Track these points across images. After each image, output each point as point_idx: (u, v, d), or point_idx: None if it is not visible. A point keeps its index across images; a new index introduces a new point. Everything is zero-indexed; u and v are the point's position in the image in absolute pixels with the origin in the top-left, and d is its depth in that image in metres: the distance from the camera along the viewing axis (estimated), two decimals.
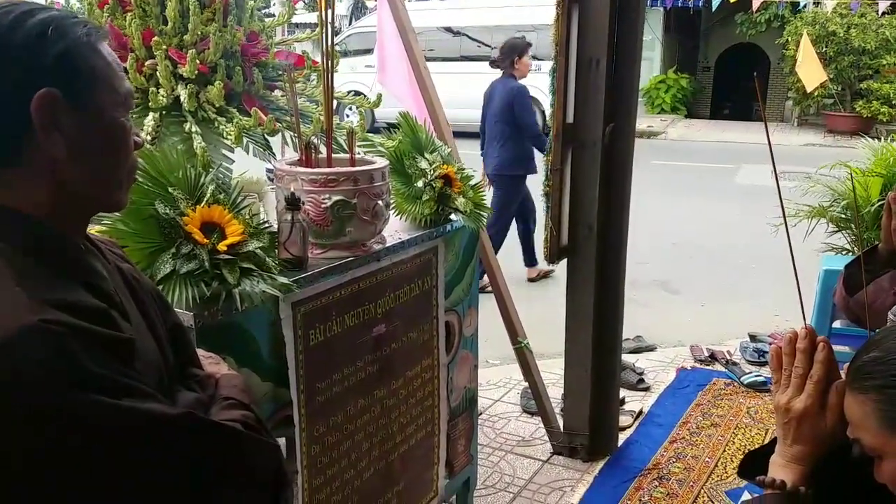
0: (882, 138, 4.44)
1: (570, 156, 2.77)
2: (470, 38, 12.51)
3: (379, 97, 2.24)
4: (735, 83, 15.01)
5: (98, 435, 0.75)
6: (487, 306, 2.81)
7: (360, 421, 1.82)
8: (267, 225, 1.62)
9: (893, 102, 12.08)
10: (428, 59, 2.91)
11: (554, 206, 2.80)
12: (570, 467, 2.82)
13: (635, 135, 2.85)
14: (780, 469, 1.10)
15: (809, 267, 3.47)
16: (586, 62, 2.66)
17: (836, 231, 3.94)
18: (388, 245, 1.86)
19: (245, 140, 1.87)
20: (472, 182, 2.29)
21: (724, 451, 2.92)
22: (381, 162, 1.83)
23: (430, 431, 2.15)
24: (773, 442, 1.15)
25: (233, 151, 1.83)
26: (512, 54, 4.91)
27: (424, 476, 2.15)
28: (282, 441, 1.63)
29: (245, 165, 2.02)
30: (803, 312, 1.18)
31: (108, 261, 0.93)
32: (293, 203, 1.58)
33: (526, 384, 3.08)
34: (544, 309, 3.46)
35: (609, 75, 2.66)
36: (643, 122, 13.34)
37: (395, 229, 2.01)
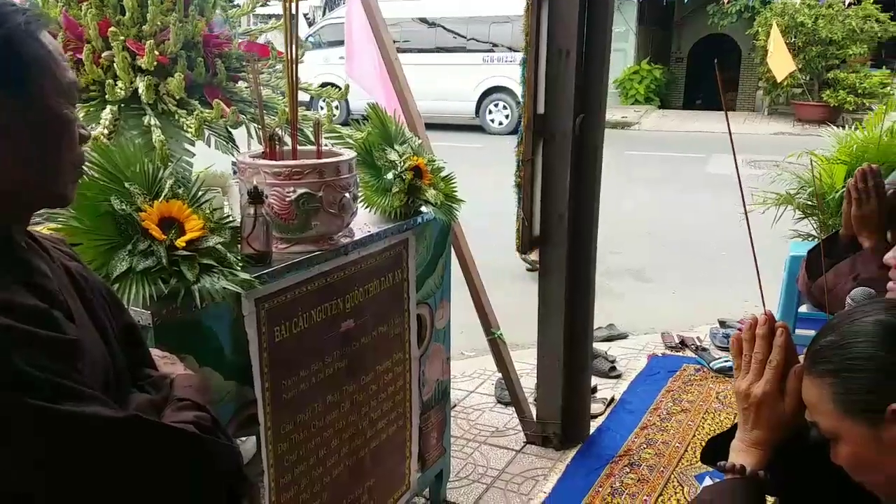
0: (846, 126, 4.49)
1: (542, 147, 2.77)
2: (446, 29, 12.46)
3: (346, 88, 2.21)
4: (707, 74, 15.14)
5: (37, 440, 0.72)
6: (462, 298, 2.81)
7: (328, 417, 1.80)
8: (230, 220, 1.58)
9: (859, 92, 12.28)
10: (404, 51, 2.88)
11: (526, 197, 2.79)
12: (542, 456, 2.83)
13: (606, 126, 2.85)
14: (741, 454, 1.11)
15: (778, 253, 3.51)
16: (556, 53, 2.65)
17: (803, 217, 3.99)
18: (356, 238, 1.83)
19: (207, 133, 1.83)
20: (444, 173, 2.27)
21: (694, 436, 2.95)
22: (347, 154, 1.80)
23: (402, 426, 2.13)
24: (735, 427, 1.16)
25: (193, 145, 1.79)
26: None
27: (396, 470, 2.14)
28: (252, 439, 1.61)
29: (212, 159, 1.99)
30: (763, 298, 1.19)
31: (52, 259, 0.90)
32: (256, 197, 1.55)
33: (500, 375, 3.09)
34: (523, 299, 3.46)
35: (579, 66, 2.65)
36: (617, 112, 13.41)
37: (364, 222, 1.99)
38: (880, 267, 1.50)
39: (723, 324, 4.05)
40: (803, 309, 3.45)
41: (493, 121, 12.27)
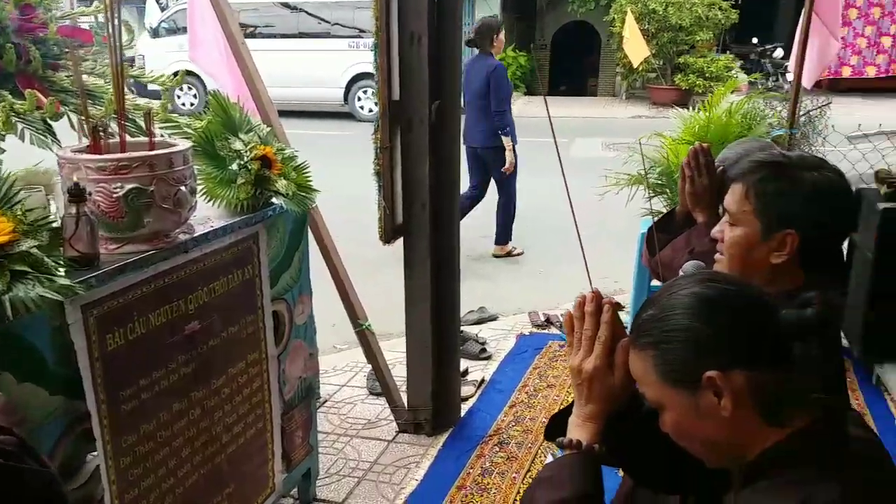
0: (693, 108, 4.80)
1: (399, 134, 2.74)
2: (308, 13, 12.15)
3: (181, 75, 2.08)
4: (571, 61, 15.73)
5: None
6: (333, 291, 2.75)
7: (177, 426, 1.70)
8: (50, 220, 1.45)
9: (707, 75, 13.19)
10: (265, 36, 2.75)
11: (386, 186, 2.76)
12: (414, 443, 2.83)
13: (462, 111, 2.87)
14: (577, 429, 1.14)
15: (633, 231, 3.70)
16: (408, 38, 2.63)
17: (654, 196, 4.21)
18: (196, 234, 1.73)
19: (21, 126, 1.67)
20: (297, 163, 2.19)
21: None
22: (182, 144, 1.70)
23: (262, 428, 2.06)
24: (573, 404, 1.20)
25: (3, 139, 1.62)
26: (490, 33, 5.14)
27: (258, 473, 2.06)
28: (100, 458, 1.49)
29: (41, 155, 1.81)
30: (589, 277, 1.23)
31: None
32: (76, 194, 1.42)
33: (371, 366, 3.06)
34: (396, 288, 3.44)
35: (432, 52, 2.65)
36: None
37: (208, 217, 1.89)
38: (712, 240, 1.61)
39: None
40: (655, 283, 3.65)
41: (362, 108, 12.13)
